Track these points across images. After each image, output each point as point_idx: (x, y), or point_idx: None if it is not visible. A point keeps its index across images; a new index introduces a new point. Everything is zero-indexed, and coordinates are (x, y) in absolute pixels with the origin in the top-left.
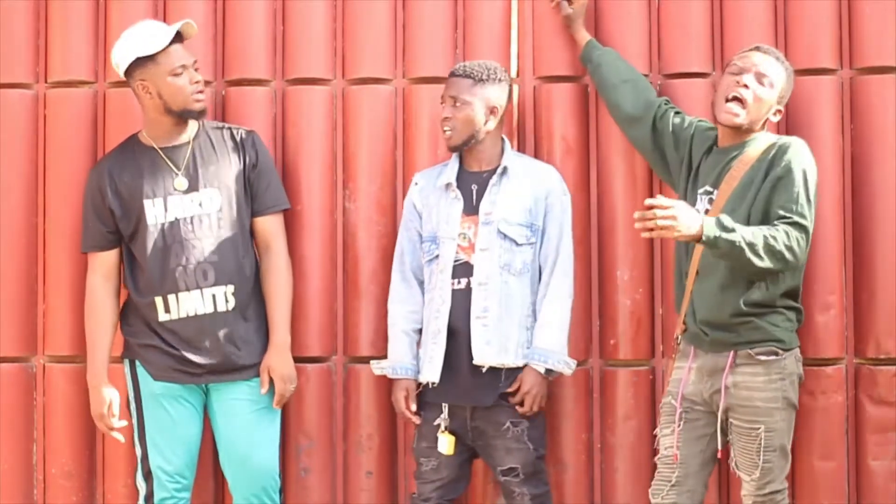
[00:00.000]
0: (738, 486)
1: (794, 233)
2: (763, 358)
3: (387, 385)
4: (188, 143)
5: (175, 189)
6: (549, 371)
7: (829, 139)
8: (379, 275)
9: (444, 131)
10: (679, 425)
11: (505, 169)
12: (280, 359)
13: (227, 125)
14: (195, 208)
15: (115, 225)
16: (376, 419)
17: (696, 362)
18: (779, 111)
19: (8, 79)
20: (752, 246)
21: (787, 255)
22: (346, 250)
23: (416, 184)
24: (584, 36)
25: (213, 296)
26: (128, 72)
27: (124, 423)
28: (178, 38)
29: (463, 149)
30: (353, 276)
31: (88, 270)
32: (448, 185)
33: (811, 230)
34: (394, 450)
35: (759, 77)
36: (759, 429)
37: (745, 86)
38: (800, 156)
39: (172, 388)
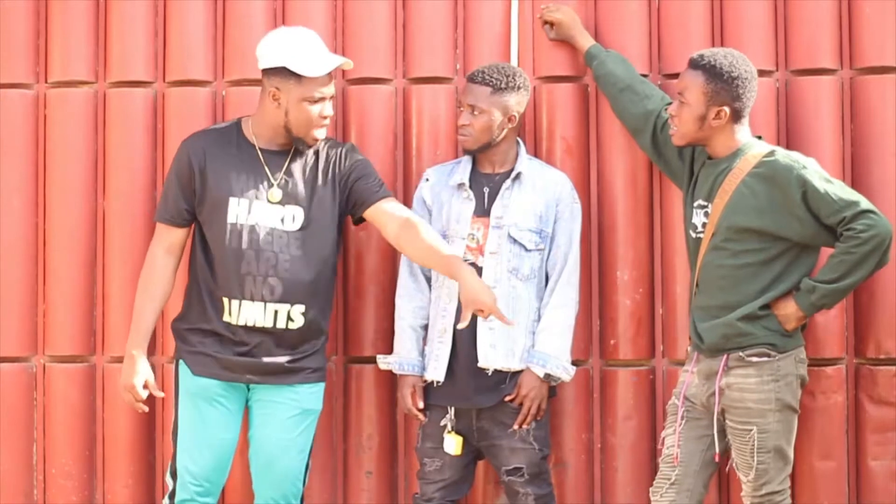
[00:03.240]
0: (739, 487)
1: (859, 222)
2: (755, 360)
3: (387, 385)
4: (289, 152)
5: (266, 198)
6: (548, 376)
7: (829, 139)
8: (379, 275)
9: (461, 136)
10: (680, 424)
11: (519, 174)
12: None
13: (328, 140)
14: (277, 221)
15: (193, 205)
16: (376, 419)
17: (697, 366)
18: (719, 112)
19: (8, 79)
20: (846, 275)
21: (874, 239)
22: (346, 250)
23: (427, 179)
24: (583, 44)
25: (276, 312)
26: (268, 71)
27: (160, 393)
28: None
29: (478, 153)
30: (353, 276)
31: (154, 240)
32: (461, 185)
33: (864, 199)
34: (394, 450)
35: (679, 96)
36: (751, 430)
37: (672, 107)
38: (792, 164)
39: (210, 389)
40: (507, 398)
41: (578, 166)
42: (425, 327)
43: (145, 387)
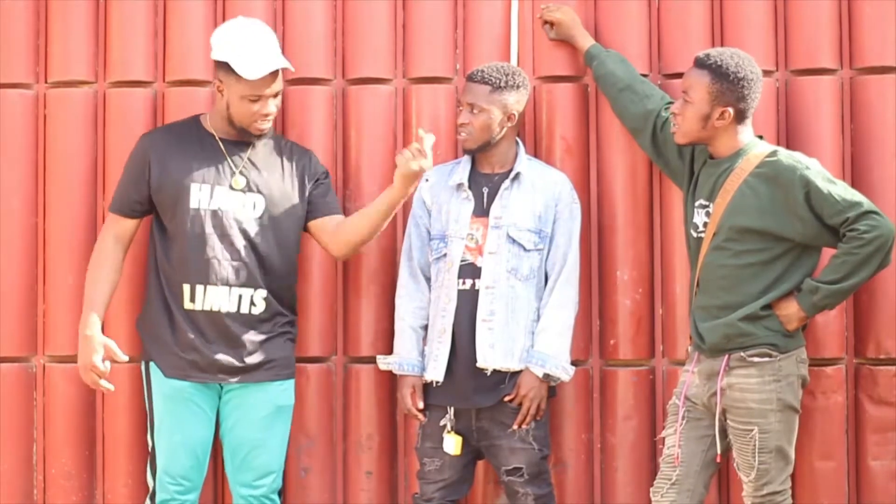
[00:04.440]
0: (739, 487)
1: (862, 223)
2: (756, 360)
3: (387, 385)
4: (249, 142)
5: (229, 185)
6: (547, 376)
7: (829, 139)
8: (379, 275)
9: (460, 135)
10: (681, 424)
11: (518, 174)
12: None
13: (287, 140)
14: (239, 207)
15: (146, 197)
16: (376, 419)
17: (697, 366)
18: (723, 112)
19: (8, 79)
20: (849, 275)
21: (878, 240)
22: None
23: (427, 180)
24: (583, 44)
25: (240, 296)
26: (215, 62)
27: (125, 358)
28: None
29: (478, 153)
30: (353, 276)
31: (104, 227)
32: (460, 185)
33: (867, 200)
34: (394, 450)
35: (683, 94)
36: (752, 430)
37: (675, 105)
38: (795, 165)
39: (183, 391)
40: (507, 398)
41: (578, 166)
42: (425, 327)
43: (105, 360)
